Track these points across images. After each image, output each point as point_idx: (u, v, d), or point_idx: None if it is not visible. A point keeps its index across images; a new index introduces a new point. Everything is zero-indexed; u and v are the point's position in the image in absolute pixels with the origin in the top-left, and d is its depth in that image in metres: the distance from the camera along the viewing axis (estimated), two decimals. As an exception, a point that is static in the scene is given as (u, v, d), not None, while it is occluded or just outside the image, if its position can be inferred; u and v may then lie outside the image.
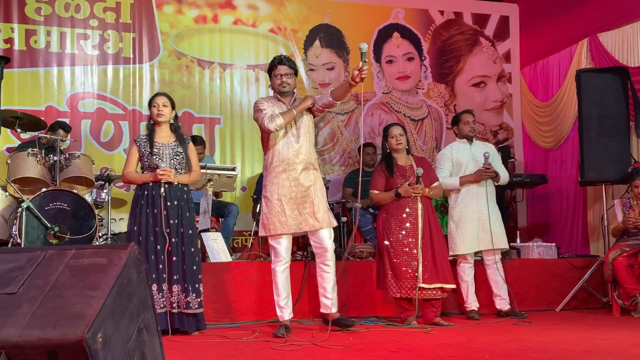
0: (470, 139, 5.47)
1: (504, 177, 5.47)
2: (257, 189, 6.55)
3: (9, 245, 5.14)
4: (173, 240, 4.34)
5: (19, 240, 5.02)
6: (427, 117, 8.33)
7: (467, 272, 5.34)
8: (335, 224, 4.54)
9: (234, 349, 3.84)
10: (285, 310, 4.44)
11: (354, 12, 8.20)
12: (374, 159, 6.83)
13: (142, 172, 4.51)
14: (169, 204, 4.36)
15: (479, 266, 5.47)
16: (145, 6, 7.44)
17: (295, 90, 4.60)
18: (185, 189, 4.51)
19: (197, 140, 6.34)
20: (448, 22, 8.53)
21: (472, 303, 5.29)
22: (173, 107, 4.57)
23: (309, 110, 4.49)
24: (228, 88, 7.68)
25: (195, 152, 4.68)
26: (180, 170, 4.48)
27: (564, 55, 7.65)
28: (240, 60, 7.75)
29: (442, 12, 8.52)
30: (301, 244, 6.07)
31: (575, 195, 7.40)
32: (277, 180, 4.35)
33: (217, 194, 6.50)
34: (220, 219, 6.43)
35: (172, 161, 4.44)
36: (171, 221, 4.36)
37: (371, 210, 6.29)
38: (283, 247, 4.39)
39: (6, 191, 5.30)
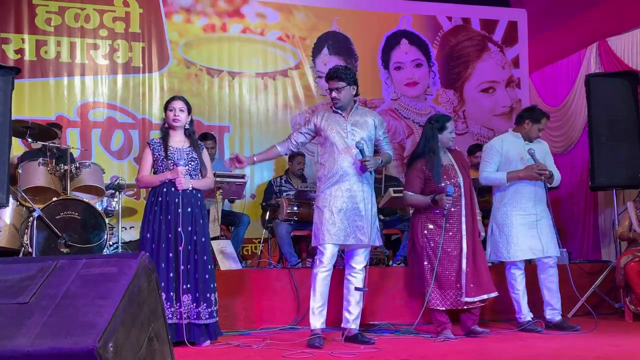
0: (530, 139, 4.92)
1: (557, 178, 4.91)
2: (266, 196, 6.55)
3: (20, 254, 5.16)
4: (188, 247, 4.25)
5: (30, 250, 5.05)
6: (436, 123, 8.31)
7: (519, 280, 4.88)
8: (379, 243, 4.48)
9: (245, 356, 3.84)
10: (319, 318, 4.28)
11: (362, 19, 8.22)
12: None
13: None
14: (180, 210, 4.25)
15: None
16: (154, 16, 7.49)
17: (356, 99, 4.45)
18: (199, 195, 4.41)
19: (208, 137, 6.34)
20: (456, 28, 8.53)
21: (526, 314, 4.87)
22: (189, 111, 4.45)
23: (367, 124, 4.38)
24: (237, 96, 7.70)
25: (209, 157, 4.61)
26: (194, 176, 4.39)
27: (573, 60, 7.63)
28: (249, 68, 7.78)
29: (450, 18, 8.52)
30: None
31: (585, 200, 7.36)
32: (330, 190, 4.28)
33: (231, 201, 6.50)
34: (230, 228, 6.43)
35: (187, 167, 4.32)
36: (182, 228, 4.25)
37: (381, 217, 6.23)
38: (328, 254, 4.29)
39: (17, 200, 5.32)
